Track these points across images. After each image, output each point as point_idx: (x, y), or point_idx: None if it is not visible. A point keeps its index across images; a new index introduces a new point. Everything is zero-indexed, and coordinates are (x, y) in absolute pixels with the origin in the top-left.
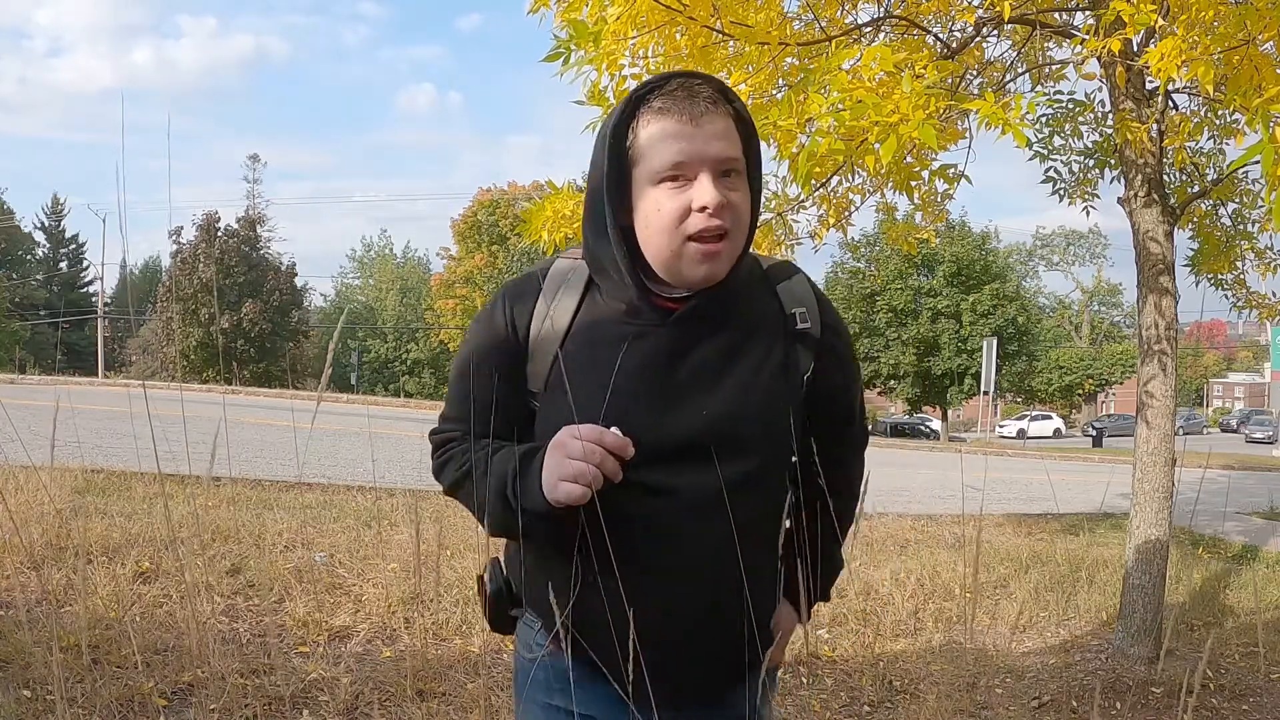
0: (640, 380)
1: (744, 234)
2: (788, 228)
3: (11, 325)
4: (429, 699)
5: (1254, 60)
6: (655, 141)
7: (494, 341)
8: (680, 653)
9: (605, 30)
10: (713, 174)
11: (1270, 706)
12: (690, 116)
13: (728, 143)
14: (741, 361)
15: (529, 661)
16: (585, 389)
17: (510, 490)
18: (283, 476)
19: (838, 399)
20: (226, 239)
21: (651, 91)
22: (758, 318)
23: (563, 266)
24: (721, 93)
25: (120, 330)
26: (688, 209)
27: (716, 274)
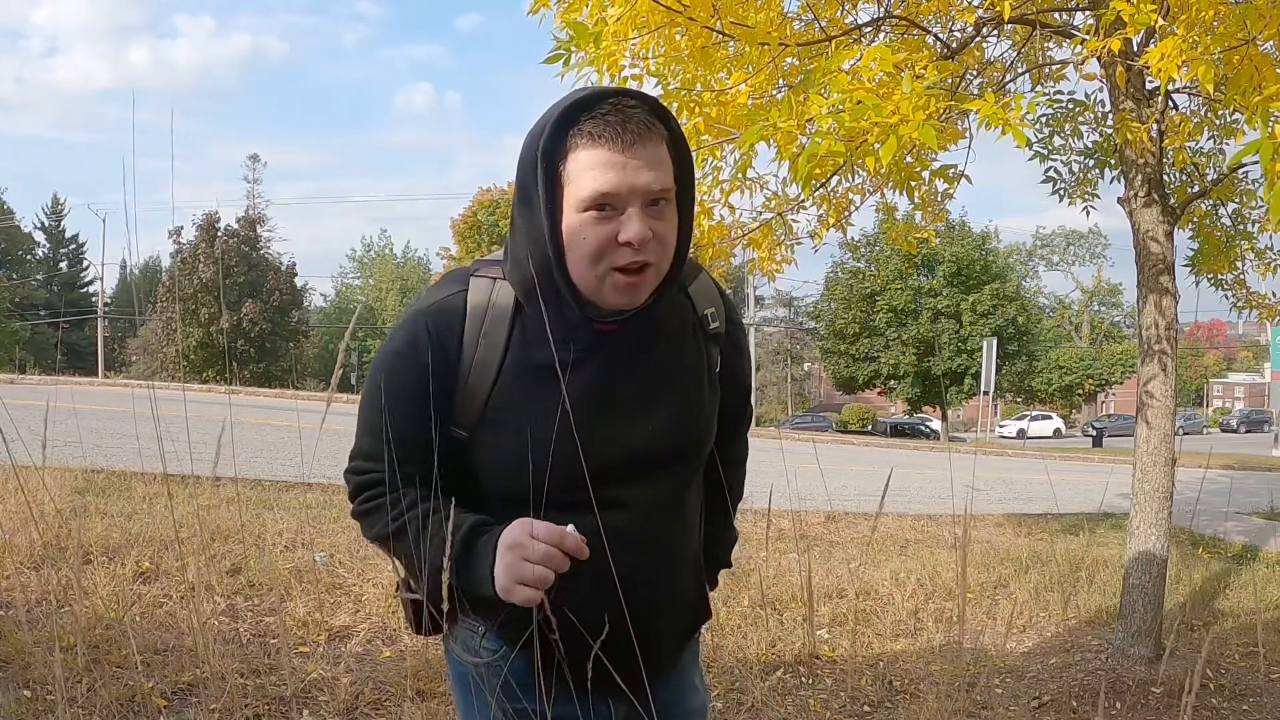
0: (583, 407)
1: (669, 260)
2: (787, 228)
3: (11, 325)
4: (429, 699)
5: (1254, 60)
6: (584, 169)
7: (418, 371)
8: (639, 642)
9: (605, 31)
10: (641, 205)
11: (1270, 706)
12: (622, 145)
13: (659, 172)
14: (676, 375)
15: (478, 667)
16: (526, 421)
17: (452, 576)
18: (283, 476)
19: (740, 384)
20: (226, 239)
21: (583, 112)
22: (681, 327)
23: (482, 286)
24: (655, 114)
25: (120, 330)
26: (613, 240)
27: (636, 302)
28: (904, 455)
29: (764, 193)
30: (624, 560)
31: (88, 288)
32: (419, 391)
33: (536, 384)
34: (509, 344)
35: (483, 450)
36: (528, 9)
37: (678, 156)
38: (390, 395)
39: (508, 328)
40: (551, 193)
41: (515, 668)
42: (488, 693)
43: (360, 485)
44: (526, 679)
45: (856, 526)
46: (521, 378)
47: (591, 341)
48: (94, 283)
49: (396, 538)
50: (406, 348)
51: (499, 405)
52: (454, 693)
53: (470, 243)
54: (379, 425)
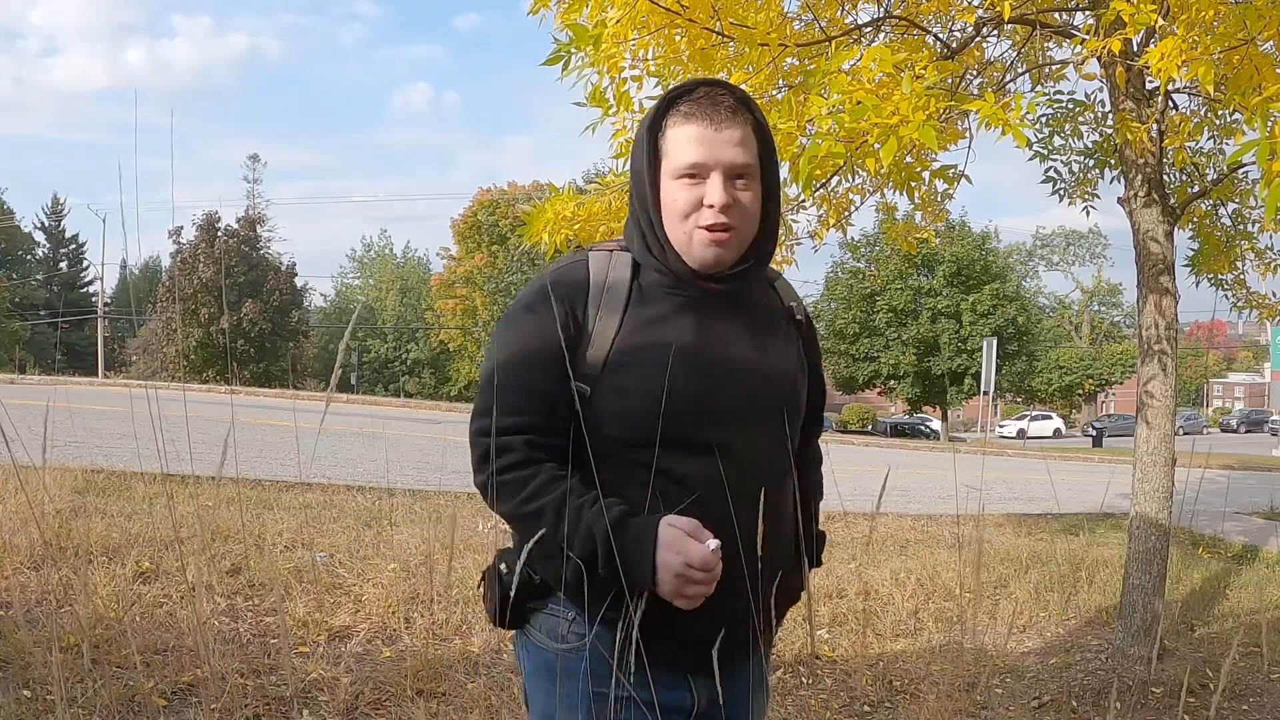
0: (697, 349)
1: (752, 229)
2: (788, 228)
3: (11, 325)
4: (429, 699)
5: (1254, 60)
6: (679, 142)
7: (549, 324)
8: (735, 611)
9: (605, 33)
10: (724, 176)
11: (1270, 706)
12: (711, 122)
13: (742, 149)
14: (772, 339)
15: (567, 652)
16: (647, 363)
17: (604, 567)
18: (283, 476)
19: (819, 377)
20: (226, 239)
21: (681, 97)
22: (773, 306)
23: (600, 256)
24: (744, 103)
25: (120, 330)
26: (699, 203)
27: (724, 259)
28: (904, 455)
29: None
30: (728, 511)
31: (88, 288)
32: (549, 341)
33: (655, 331)
34: (628, 303)
35: (608, 396)
36: (528, 9)
37: (762, 141)
38: (522, 346)
39: (627, 288)
40: (653, 165)
41: (600, 653)
42: (578, 678)
43: (499, 449)
44: (611, 665)
45: (856, 526)
46: (641, 328)
47: (699, 293)
48: (94, 283)
49: (533, 521)
50: (539, 302)
51: (623, 351)
52: (530, 686)
53: (470, 243)
54: (508, 380)
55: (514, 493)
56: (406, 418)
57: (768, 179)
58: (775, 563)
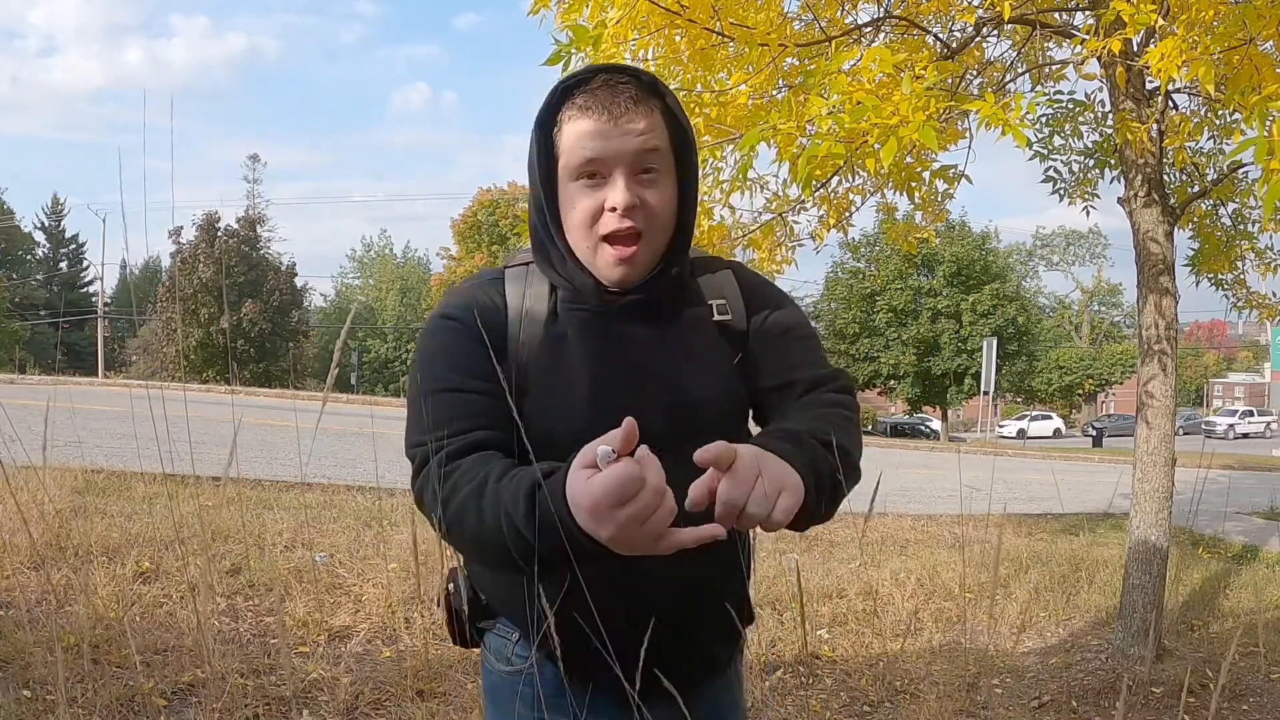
0: (599, 374)
1: (665, 230)
2: (788, 228)
3: (11, 325)
4: (429, 699)
5: (1254, 60)
6: (574, 139)
7: (474, 334)
8: (675, 638)
9: (605, 34)
10: (628, 173)
11: (1270, 706)
12: (610, 115)
13: (647, 140)
14: (693, 350)
15: (510, 675)
16: (549, 391)
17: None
18: (283, 476)
19: (785, 344)
20: (226, 239)
21: (576, 87)
22: (695, 309)
23: (517, 272)
24: (650, 88)
25: (120, 330)
26: (601, 208)
27: (630, 276)
28: (904, 455)
29: (764, 193)
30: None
31: (88, 288)
32: (477, 352)
33: (561, 353)
34: (545, 324)
35: (524, 422)
36: (528, 10)
37: (674, 130)
38: (449, 353)
39: (548, 303)
40: (549, 167)
41: (547, 678)
42: (519, 701)
43: (426, 455)
44: (559, 691)
45: (857, 526)
46: (548, 351)
47: (604, 307)
48: (94, 283)
49: (468, 501)
50: (460, 312)
51: (530, 377)
52: (485, 705)
53: (470, 243)
54: (442, 388)
55: (437, 496)
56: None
57: (683, 169)
58: (710, 597)
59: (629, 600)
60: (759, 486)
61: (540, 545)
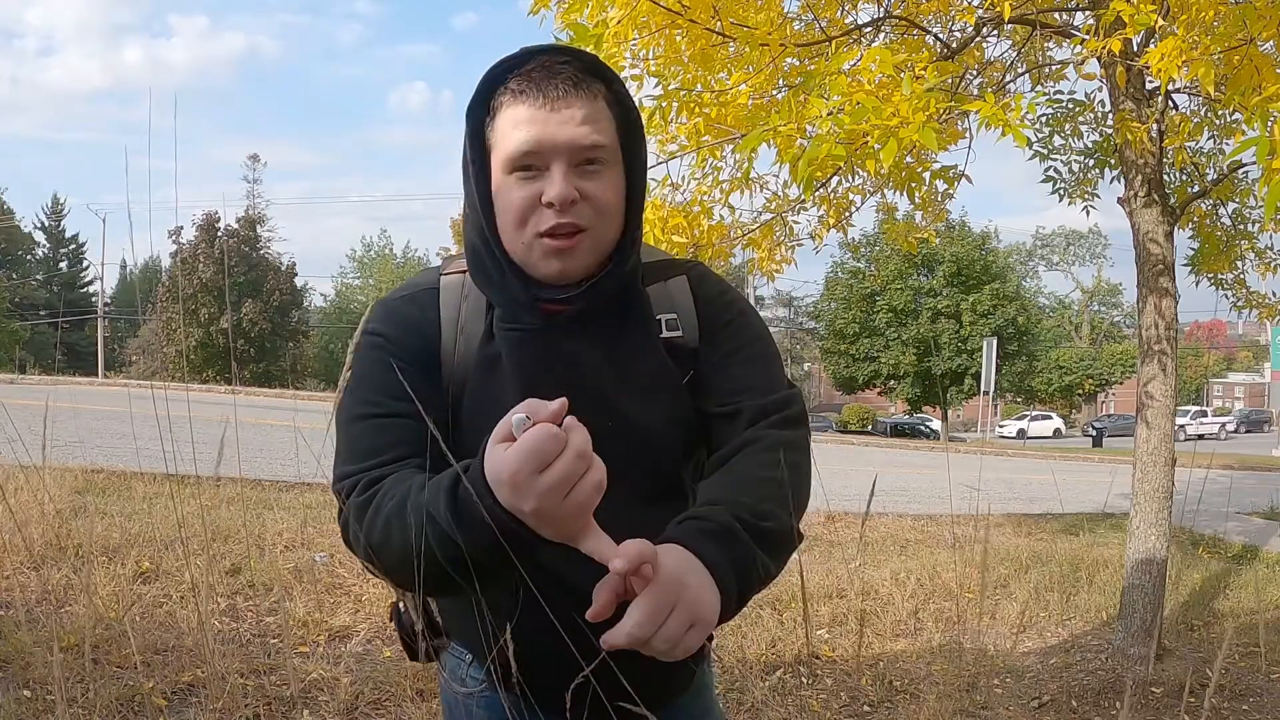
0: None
1: (611, 225)
2: (788, 228)
3: (11, 325)
4: (429, 699)
5: (1254, 60)
6: (507, 128)
7: (401, 350)
8: (626, 665)
9: (606, 33)
10: (567, 164)
11: (1270, 706)
12: (546, 100)
13: (589, 128)
14: (633, 374)
15: (464, 697)
16: (480, 415)
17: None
18: (283, 476)
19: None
20: (226, 239)
21: (510, 71)
22: (642, 319)
23: (453, 281)
24: (592, 71)
25: (120, 330)
26: (536, 201)
27: (570, 271)
28: (904, 455)
29: (764, 193)
30: (577, 570)
31: (88, 288)
32: (406, 373)
33: (492, 377)
34: (480, 342)
35: (455, 452)
36: (528, 10)
37: (621, 117)
38: (375, 375)
39: (485, 320)
40: (481, 158)
41: (499, 702)
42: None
43: (364, 485)
44: (515, 713)
45: (856, 527)
46: (481, 371)
47: (538, 325)
48: (94, 283)
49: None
50: (389, 328)
51: (465, 402)
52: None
53: None
54: (366, 414)
55: (360, 524)
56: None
57: (630, 161)
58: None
59: (577, 622)
60: (669, 623)
61: (467, 542)
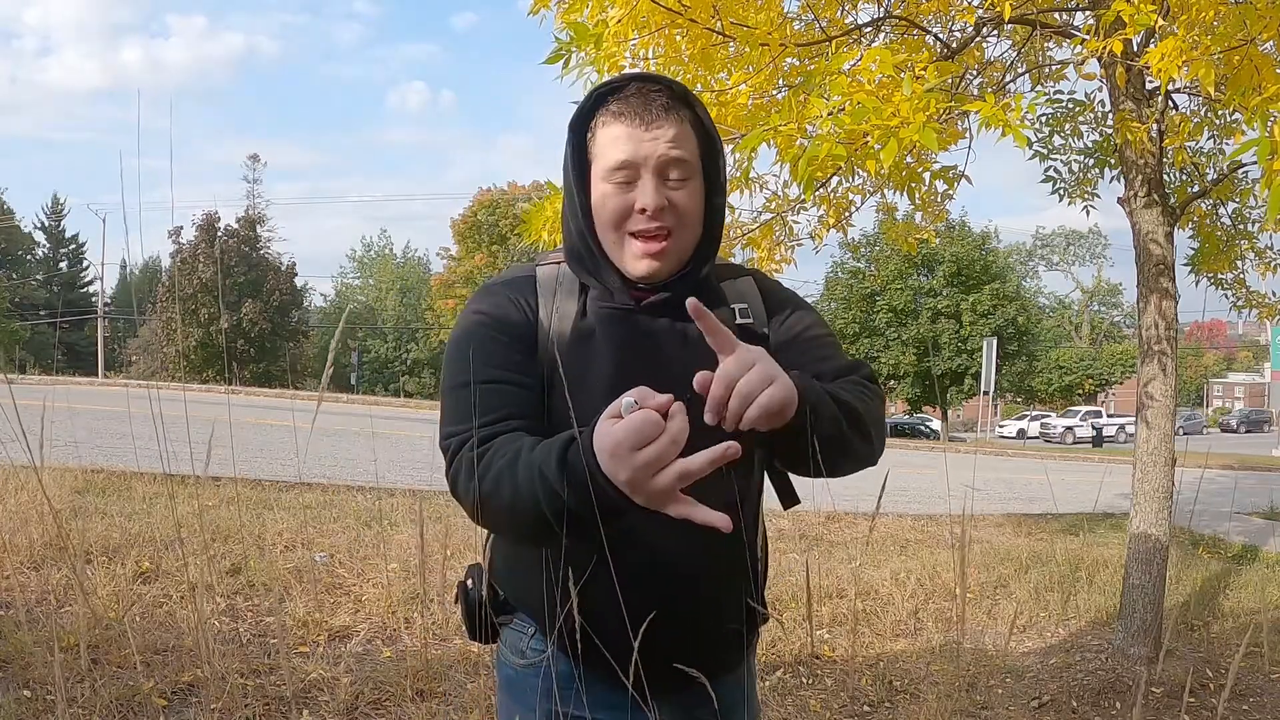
0: (622, 370)
1: (692, 232)
2: (788, 229)
3: (11, 325)
4: (429, 699)
5: (1254, 60)
6: (607, 143)
7: (505, 327)
8: (684, 633)
9: (606, 33)
10: (656, 176)
11: (1270, 706)
12: (641, 121)
13: (675, 146)
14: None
15: (524, 668)
16: (575, 383)
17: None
18: (283, 476)
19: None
20: (226, 239)
21: (612, 93)
22: (718, 310)
23: (548, 269)
24: (681, 98)
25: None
26: (631, 208)
27: (658, 270)
28: (904, 455)
29: (764, 193)
30: (667, 545)
31: (88, 288)
32: (509, 347)
33: (586, 349)
34: (575, 318)
35: (550, 416)
36: (528, 9)
37: (703, 138)
38: (481, 347)
39: (578, 302)
40: (582, 168)
41: (561, 670)
42: (541, 698)
43: (460, 443)
44: (571, 682)
45: (856, 526)
46: (576, 342)
47: (632, 304)
48: (94, 283)
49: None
50: (491, 308)
51: (560, 371)
52: (498, 700)
53: (470, 243)
54: (470, 382)
55: (473, 474)
56: (406, 418)
57: (711, 176)
58: (719, 595)
59: (642, 593)
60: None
61: (570, 497)
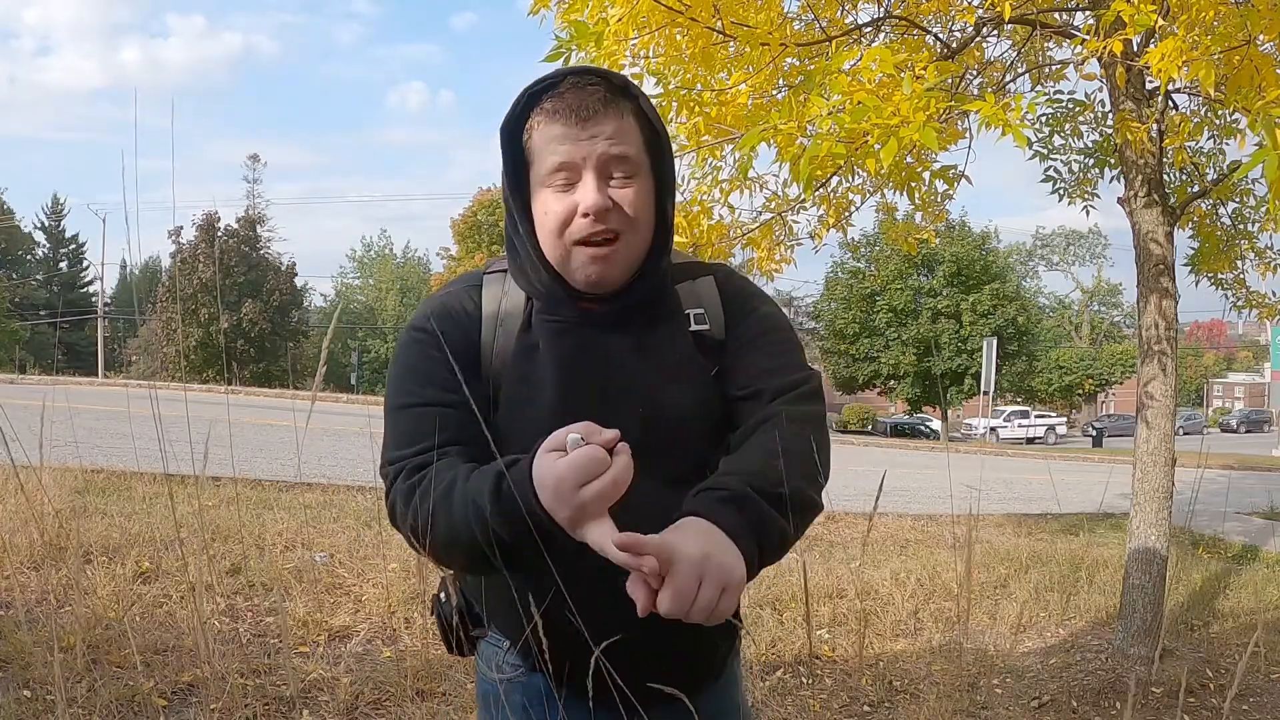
0: (566, 386)
1: (642, 234)
2: (787, 228)
3: (11, 325)
4: (429, 699)
5: (1254, 60)
6: (543, 144)
7: (443, 345)
8: (654, 650)
9: (607, 32)
10: (598, 176)
11: (1270, 706)
12: (578, 118)
13: (616, 142)
14: (663, 363)
15: (500, 683)
16: (518, 402)
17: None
18: (283, 476)
19: (754, 354)
20: (226, 239)
21: (545, 90)
22: (671, 317)
23: (494, 279)
24: (621, 89)
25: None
26: (573, 212)
27: (607, 277)
28: (904, 455)
29: (764, 193)
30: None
31: (88, 288)
32: (449, 366)
33: (532, 364)
34: (518, 333)
35: (494, 436)
36: (528, 9)
37: (648, 131)
38: (420, 367)
39: (523, 315)
40: (519, 173)
41: (536, 686)
42: (509, 710)
43: (397, 472)
44: (550, 698)
45: (856, 526)
46: (521, 358)
47: (576, 318)
48: (94, 283)
49: (438, 502)
50: (432, 323)
51: (504, 389)
52: (478, 712)
53: (470, 243)
54: (411, 403)
55: (407, 506)
56: None
57: (659, 172)
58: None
59: (612, 607)
60: (702, 594)
61: (505, 529)
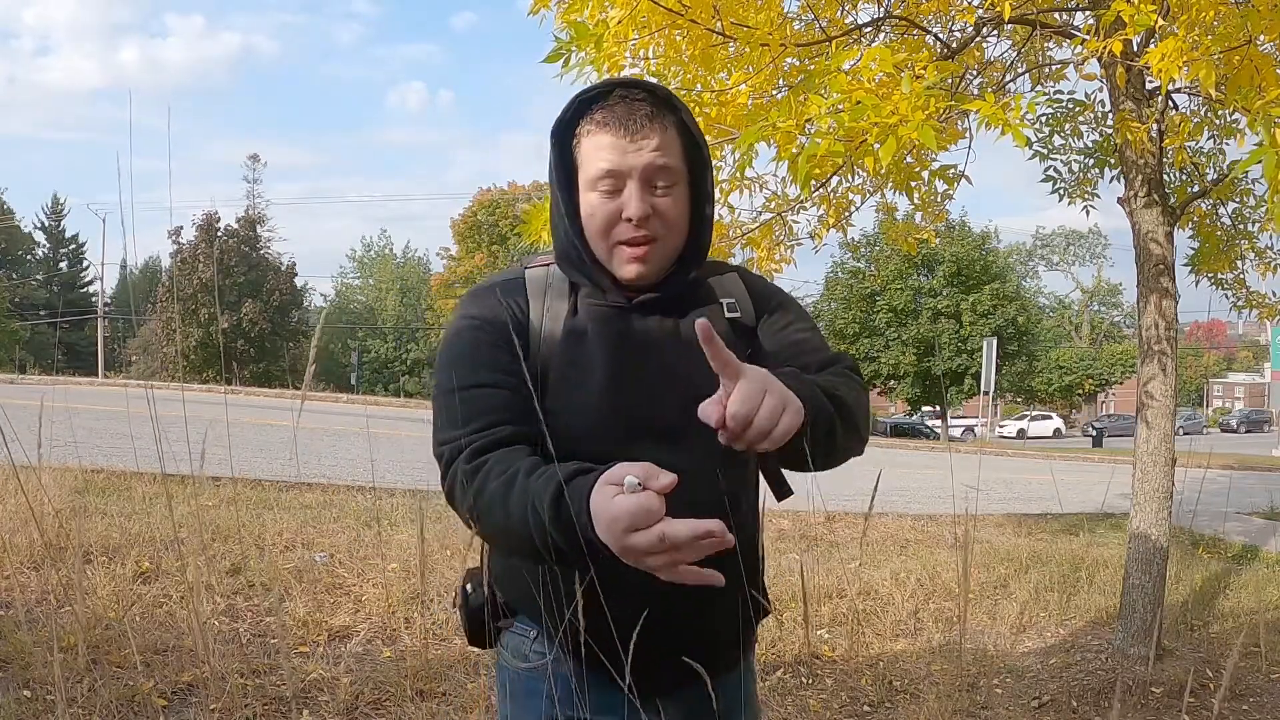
0: (616, 366)
1: (678, 236)
2: (787, 228)
3: (11, 325)
4: (429, 699)
5: (1255, 60)
6: (592, 152)
7: (498, 331)
8: (686, 632)
9: (606, 33)
10: (641, 185)
11: (1270, 706)
12: (626, 131)
13: (660, 154)
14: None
15: (527, 672)
16: (570, 382)
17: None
18: (283, 476)
19: (790, 338)
20: (226, 239)
21: (595, 100)
22: (706, 306)
23: (538, 271)
24: (665, 104)
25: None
26: (618, 216)
27: (646, 274)
28: (905, 455)
29: (764, 193)
30: None
31: (88, 288)
32: (501, 350)
33: (580, 346)
34: (565, 317)
35: (544, 416)
36: (528, 9)
37: (688, 143)
38: (473, 351)
39: (569, 302)
40: (569, 174)
41: (564, 674)
42: (544, 702)
43: (455, 451)
44: (577, 684)
45: (857, 526)
46: (570, 341)
47: (624, 302)
48: (94, 283)
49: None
50: (481, 311)
51: (552, 371)
52: (500, 705)
53: (470, 243)
54: (466, 385)
55: (467, 490)
56: (406, 418)
57: (697, 180)
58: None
59: (642, 596)
60: (766, 401)
61: (562, 540)
